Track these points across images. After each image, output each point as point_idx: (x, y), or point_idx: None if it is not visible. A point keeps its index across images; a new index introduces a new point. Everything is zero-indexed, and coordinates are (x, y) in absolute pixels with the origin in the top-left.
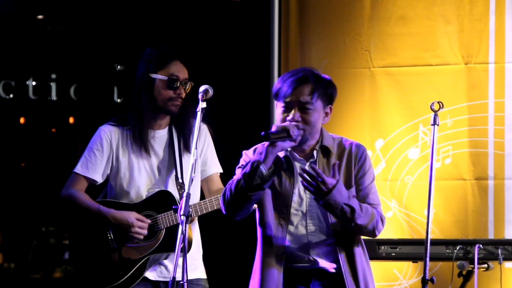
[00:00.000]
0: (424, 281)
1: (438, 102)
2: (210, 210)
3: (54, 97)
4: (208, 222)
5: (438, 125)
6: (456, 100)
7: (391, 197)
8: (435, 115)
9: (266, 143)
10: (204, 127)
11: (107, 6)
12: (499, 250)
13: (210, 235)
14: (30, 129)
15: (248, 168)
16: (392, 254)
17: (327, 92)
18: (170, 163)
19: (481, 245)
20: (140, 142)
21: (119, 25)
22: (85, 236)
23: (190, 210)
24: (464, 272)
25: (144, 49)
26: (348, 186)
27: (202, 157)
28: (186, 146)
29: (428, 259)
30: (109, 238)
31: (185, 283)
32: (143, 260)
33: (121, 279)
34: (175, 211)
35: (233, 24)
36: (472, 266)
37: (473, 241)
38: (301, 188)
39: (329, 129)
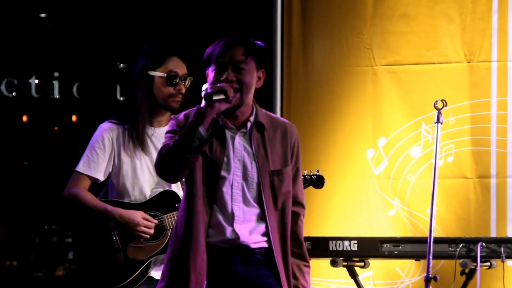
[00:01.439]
0: (427, 279)
1: (441, 100)
2: None
3: (56, 95)
4: None
5: (441, 123)
6: (459, 98)
7: (394, 195)
8: (439, 113)
9: (204, 104)
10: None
11: (109, 4)
12: (502, 248)
13: None
14: (33, 127)
15: (186, 130)
16: (395, 252)
17: (260, 54)
18: None
19: (483, 243)
20: (137, 140)
21: (121, 23)
22: (89, 236)
23: None
24: (466, 270)
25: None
26: (285, 163)
27: None
28: None
29: (430, 257)
30: (114, 238)
31: None
32: (149, 260)
33: (127, 279)
34: (178, 209)
35: (236, 22)
36: (475, 264)
37: (475, 239)
38: (231, 156)
39: (331, 126)
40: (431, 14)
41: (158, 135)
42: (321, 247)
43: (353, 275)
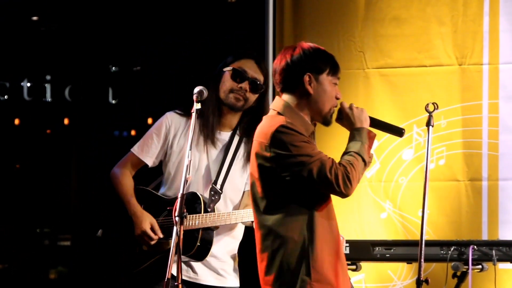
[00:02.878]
0: (418, 282)
1: (433, 103)
2: (231, 223)
3: (48, 98)
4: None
5: (433, 126)
6: (450, 101)
7: (386, 198)
8: (430, 116)
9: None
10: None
11: (101, 8)
12: (493, 251)
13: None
14: (25, 130)
15: (364, 150)
16: (387, 255)
17: None
18: (218, 167)
19: (475, 246)
20: (206, 136)
21: (113, 26)
22: (118, 219)
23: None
24: (458, 273)
25: (139, 50)
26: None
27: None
28: (247, 155)
29: (422, 260)
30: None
31: (179, 285)
32: (159, 256)
33: (136, 269)
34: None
35: (228, 25)
36: (466, 267)
37: (467, 242)
38: None
39: (321, 129)
40: (423, 17)
41: (218, 139)
42: None
43: None
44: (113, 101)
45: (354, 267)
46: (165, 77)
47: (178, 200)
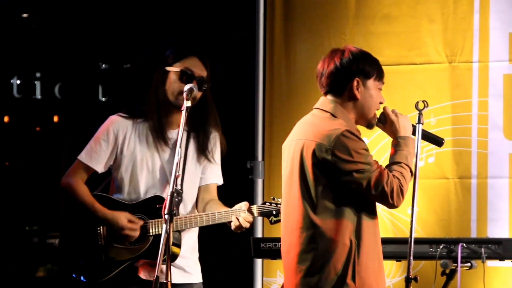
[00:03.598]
0: (407, 280)
1: (423, 101)
2: (204, 225)
3: (38, 95)
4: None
5: (422, 124)
6: (440, 99)
7: None
8: (420, 114)
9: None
10: (216, 135)
11: (91, 5)
12: (482, 249)
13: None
14: (14, 127)
15: (409, 160)
16: None
17: None
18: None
19: (464, 244)
20: (156, 137)
21: (103, 23)
22: (76, 228)
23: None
24: (447, 271)
25: (130, 47)
26: None
27: (205, 164)
28: (202, 151)
29: (411, 258)
30: (99, 234)
31: (168, 283)
32: (127, 263)
33: (102, 278)
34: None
35: (218, 24)
36: (455, 265)
37: (456, 240)
38: None
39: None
40: (413, 14)
41: (170, 137)
42: None
43: None
44: (103, 99)
45: None
46: (154, 75)
47: (168, 198)
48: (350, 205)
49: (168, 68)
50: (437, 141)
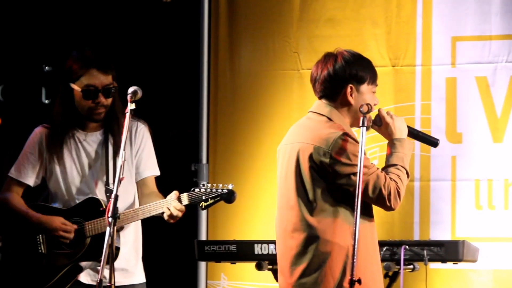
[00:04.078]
0: (351, 282)
1: (367, 104)
2: (139, 219)
3: None
4: (149, 225)
5: (366, 126)
6: (384, 102)
7: None
8: (364, 117)
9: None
10: (143, 127)
11: (35, 6)
12: (425, 251)
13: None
14: None
15: (405, 162)
16: None
17: None
18: (101, 167)
19: (407, 246)
20: (58, 146)
21: (47, 25)
22: (16, 239)
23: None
24: (390, 273)
25: (72, 50)
26: None
27: (137, 159)
28: (118, 151)
29: (355, 260)
30: (38, 242)
31: (112, 285)
32: (68, 267)
33: (45, 285)
34: (103, 214)
35: (162, 26)
36: (398, 267)
37: (399, 242)
38: None
39: (257, 129)
40: (357, 18)
41: (90, 141)
42: (246, 250)
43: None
44: (46, 101)
45: None
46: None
47: (112, 200)
48: (348, 208)
49: (72, 85)
50: (432, 142)
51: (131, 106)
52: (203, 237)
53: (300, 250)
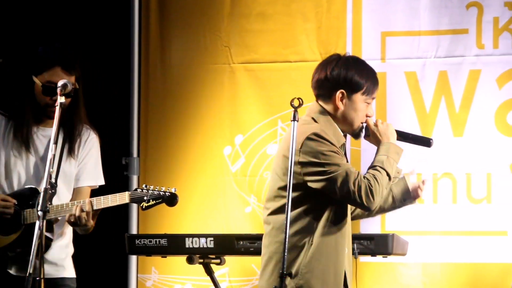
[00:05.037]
0: (282, 276)
1: (298, 99)
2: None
3: None
4: None
5: (297, 121)
6: (314, 96)
7: (250, 193)
8: (295, 111)
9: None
10: (94, 137)
11: None
12: (355, 245)
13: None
14: None
15: (390, 165)
16: (251, 249)
17: None
18: (48, 162)
19: None
20: (20, 139)
21: None
22: None
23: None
24: None
25: (22, 42)
26: None
27: (80, 167)
28: (70, 151)
29: (286, 254)
30: None
31: (42, 279)
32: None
33: None
34: (34, 206)
35: (92, 19)
36: None
37: None
38: None
39: (189, 124)
40: (288, 12)
41: (42, 136)
42: (177, 244)
43: (209, 272)
44: None
45: (218, 261)
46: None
47: (41, 195)
48: (311, 207)
49: (34, 78)
50: (424, 142)
51: (60, 99)
52: (134, 231)
53: (263, 244)
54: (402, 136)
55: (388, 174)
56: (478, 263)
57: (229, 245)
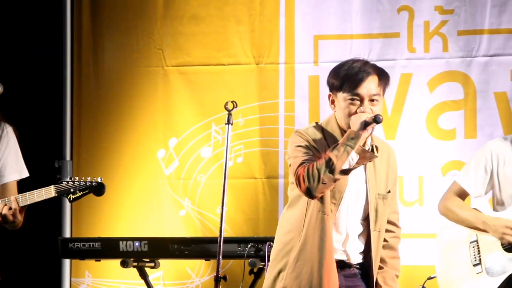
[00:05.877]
0: (217, 279)
1: (232, 102)
2: None
3: None
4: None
5: (231, 124)
6: (248, 99)
7: (184, 196)
8: (229, 114)
9: (359, 129)
10: (10, 130)
11: None
12: None
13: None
14: None
15: (339, 152)
16: (185, 252)
17: (387, 83)
18: None
19: (271, 243)
20: None
21: None
22: None
23: None
24: (255, 270)
25: None
26: (387, 188)
27: (2, 162)
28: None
29: (220, 257)
30: None
31: None
32: None
33: None
34: None
35: (23, 19)
36: (263, 263)
37: (264, 238)
38: (350, 177)
39: (122, 126)
40: (221, 15)
41: None
42: (111, 248)
43: (144, 275)
44: None
45: (152, 264)
46: None
47: None
48: (298, 203)
49: None
50: (376, 120)
51: None
52: (67, 234)
53: None
54: (365, 122)
55: (330, 159)
56: (409, 266)
57: (163, 248)
